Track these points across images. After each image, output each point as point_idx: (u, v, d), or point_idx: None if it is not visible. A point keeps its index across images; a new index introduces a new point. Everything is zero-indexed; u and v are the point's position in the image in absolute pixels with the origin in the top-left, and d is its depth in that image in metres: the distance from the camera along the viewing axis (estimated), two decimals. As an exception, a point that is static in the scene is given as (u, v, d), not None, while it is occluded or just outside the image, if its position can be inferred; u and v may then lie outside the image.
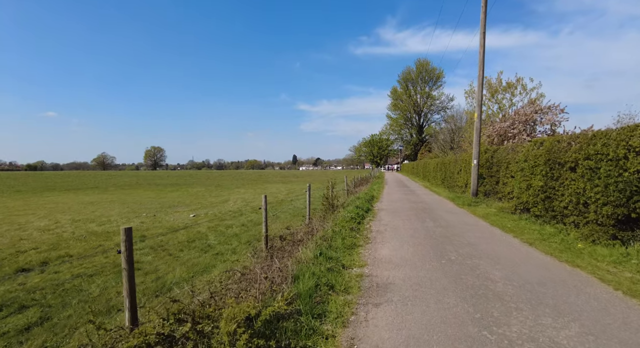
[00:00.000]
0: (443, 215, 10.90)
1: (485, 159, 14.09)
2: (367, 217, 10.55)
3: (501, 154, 12.83)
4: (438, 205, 13.47)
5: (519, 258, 5.63)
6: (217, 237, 8.77)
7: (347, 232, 7.47)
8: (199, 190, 28.58)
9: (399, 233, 7.88)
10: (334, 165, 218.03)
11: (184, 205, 17.84)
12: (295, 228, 8.48)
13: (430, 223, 9.31)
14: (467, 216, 10.69)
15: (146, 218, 13.03)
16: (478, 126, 13.73)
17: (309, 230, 7.32)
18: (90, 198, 21.22)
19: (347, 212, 10.00)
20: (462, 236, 7.52)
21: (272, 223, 10.81)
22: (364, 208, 11.68)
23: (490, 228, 8.50)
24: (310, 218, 9.35)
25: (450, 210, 11.98)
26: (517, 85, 27.32)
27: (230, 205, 17.26)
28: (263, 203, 6.45)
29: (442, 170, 24.17)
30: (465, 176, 17.13)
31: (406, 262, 5.49)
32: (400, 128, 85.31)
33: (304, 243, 6.25)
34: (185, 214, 14.17)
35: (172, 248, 7.61)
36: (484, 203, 12.85)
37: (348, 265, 5.29)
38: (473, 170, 13.92)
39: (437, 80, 79.74)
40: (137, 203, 18.55)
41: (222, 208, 15.97)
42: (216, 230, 9.72)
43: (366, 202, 13.26)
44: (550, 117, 20.11)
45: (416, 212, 11.54)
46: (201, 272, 5.70)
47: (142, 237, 8.76)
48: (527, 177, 9.61)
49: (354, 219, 9.19)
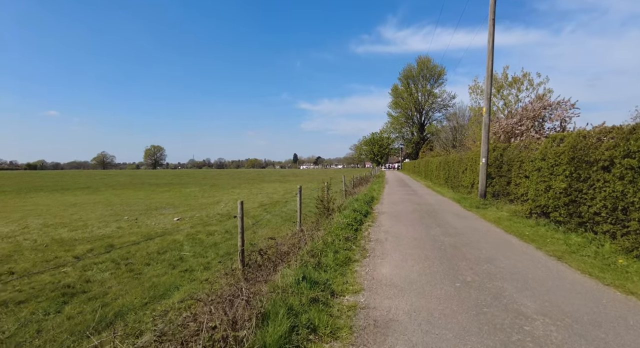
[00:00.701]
0: (450, 219, 9.82)
1: (494, 158, 13.01)
2: (366, 222, 9.47)
3: (512, 152, 11.75)
4: (443, 208, 12.38)
5: (551, 280, 4.55)
6: (193, 247, 7.71)
7: (341, 243, 6.39)
8: (193, 190, 27.53)
9: (401, 244, 6.81)
10: (334, 164, 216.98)
11: (172, 207, 16.80)
12: (283, 237, 7.41)
13: (436, 230, 8.23)
14: (477, 221, 9.61)
15: (126, 222, 11.98)
16: (487, 121, 12.63)
17: (297, 241, 6.25)
18: (75, 199, 20.18)
19: (343, 217, 8.92)
20: (475, 247, 6.44)
21: (260, 229, 9.74)
22: (362, 212, 10.60)
23: (505, 237, 7.42)
24: (300, 225, 8.28)
25: (457, 214, 10.90)
26: (524, 80, 26.11)
27: (221, 207, 16.21)
28: (238, 211, 5.39)
29: (445, 169, 23.07)
30: (471, 176, 16.04)
31: (412, 285, 4.42)
32: (401, 126, 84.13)
33: (288, 259, 5.19)
34: (170, 217, 13.12)
35: (138, 261, 6.55)
36: (494, 206, 11.77)
37: (339, 290, 4.21)
38: (481, 169, 12.83)
39: (439, 77, 78.55)
40: (123, 205, 17.51)
41: (211, 211, 14.92)
42: (195, 238, 8.66)
43: (365, 205, 12.19)
44: (560, 113, 18.98)
45: (420, 216, 10.46)
46: (159, 297, 4.65)
47: (109, 247, 7.70)
48: (545, 178, 8.52)
49: (351, 226, 8.12)
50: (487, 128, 12.64)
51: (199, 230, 9.67)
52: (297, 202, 8.44)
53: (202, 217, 12.98)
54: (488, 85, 12.43)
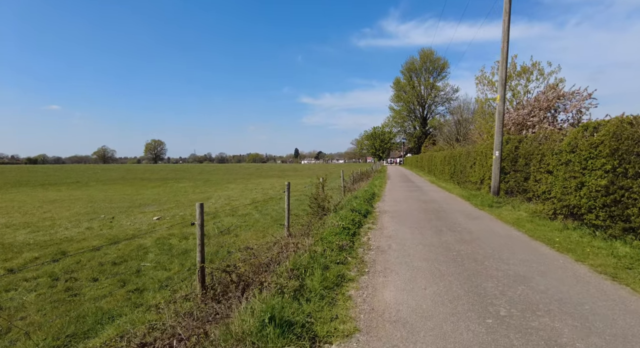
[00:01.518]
0: (462, 221, 8.56)
1: (507, 151, 11.71)
2: (366, 224, 8.23)
3: (529, 144, 10.45)
4: (452, 206, 11.13)
5: (621, 316, 3.30)
6: (159, 254, 6.49)
7: (333, 254, 5.15)
8: (186, 185, 26.32)
9: (408, 254, 5.57)
10: (336, 159, 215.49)
11: (157, 204, 15.61)
12: (264, 246, 6.18)
13: (448, 235, 6.98)
14: (493, 222, 8.35)
15: (99, 222, 10.78)
16: (501, 110, 11.31)
17: (276, 254, 5.02)
18: (57, 195, 19.01)
19: (339, 219, 7.68)
20: (500, 259, 5.20)
21: (244, 232, 8.52)
22: (361, 212, 9.36)
23: (533, 244, 6.16)
24: (289, 229, 7.05)
25: (469, 214, 9.64)
26: (533, 70, 24.60)
27: (209, 205, 14.99)
28: (197, 217, 4.16)
29: (450, 164, 21.77)
30: (480, 170, 14.76)
31: (426, 322, 3.19)
32: (403, 120, 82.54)
33: (263, 279, 3.95)
34: (150, 216, 11.92)
35: (84, 275, 5.34)
36: (509, 205, 10.50)
37: (324, 333, 2.98)
38: (494, 163, 11.54)
39: (442, 70, 76.80)
40: (106, 202, 16.32)
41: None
42: (165, 243, 7.44)
43: (365, 203, 10.94)
44: (576, 103, 17.60)
45: (427, 216, 9.21)
46: (81, 335, 3.43)
47: (59, 254, 6.49)
48: (576, 173, 7.24)
49: (347, 229, 6.87)
50: (501, 117, 11.32)
51: (174, 233, 8.45)
52: (285, 202, 7.21)
53: (185, 216, 11.77)
54: (503, 69, 11.09)
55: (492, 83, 25.77)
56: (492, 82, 25.76)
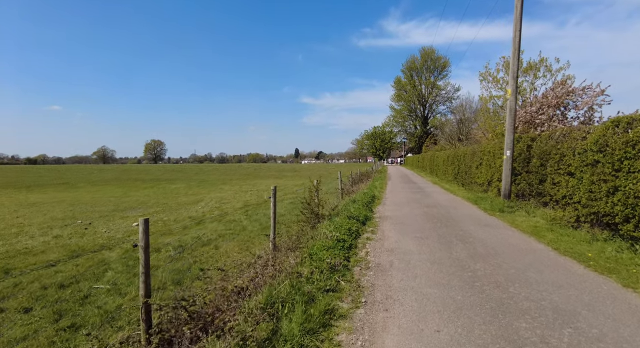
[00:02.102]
0: (472, 229, 7.59)
1: (519, 150, 10.74)
2: (364, 234, 7.26)
3: (544, 143, 9.48)
4: (459, 211, 10.15)
5: None
6: (120, 272, 5.52)
7: (322, 277, 4.18)
8: (179, 186, 25.36)
9: (414, 275, 4.60)
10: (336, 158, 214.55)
11: (143, 207, 14.65)
12: (242, 263, 5.22)
13: (459, 248, 6.00)
14: (507, 231, 7.37)
15: (72, 229, 9.82)
16: (512, 105, 10.33)
17: (256, 275, 4.04)
18: (39, 198, 18.04)
19: (334, 228, 6.71)
20: (528, 283, 4.22)
21: (227, 243, 7.55)
22: (360, 218, 8.39)
23: (562, 262, 5.18)
24: (274, 241, 6.07)
25: (479, 220, 8.67)
26: (540, 66, 23.61)
27: (198, 208, 14.03)
28: (140, 236, 3.18)
29: (454, 164, 20.79)
30: (488, 171, 13.78)
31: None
32: (404, 120, 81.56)
33: (226, 320, 2.98)
34: (131, 221, 10.95)
35: (17, 303, 4.37)
36: (522, 210, 9.53)
37: None
38: (505, 164, 10.56)
39: (443, 69, 75.84)
40: (89, 205, 15.36)
41: (184, 213, 12.75)
42: (132, 257, 6.47)
43: (364, 207, 9.97)
44: (588, 100, 16.60)
45: (432, 224, 8.23)
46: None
47: (1, 273, 5.51)
48: (606, 176, 6.27)
49: (342, 242, 5.90)
50: (513, 113, 10.34)
51: (147, 244, 7.48)
52: (271, 210, 6.23)
53: (168, 222, 10.80)
54: (515, 59, 10.09)
55: (497, 80, 24.78)
56: (497, 79, 24.76)
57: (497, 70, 24.61)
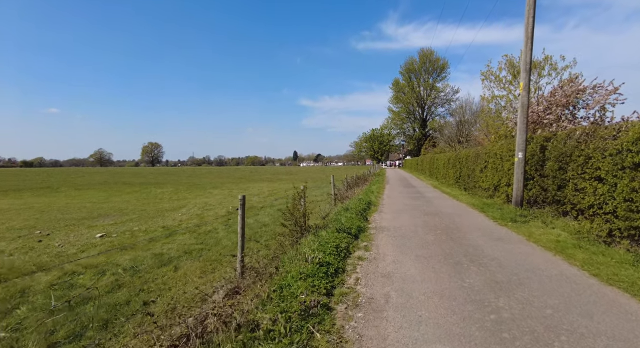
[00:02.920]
0: (483, 244, 6.38)
1: (530, 152, 9.58)
2: (356, 252, 6.04)
3: (562, 144, 8.32)
4: (465, 221, 8.95)
5: None
6: (32, 310, 4.27)
7: (289, 331, 2.95)
8: (165, 190, 24.08)
9: (418, 320, 3.38)
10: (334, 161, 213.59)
11: (118, 215, 13.40)
12: (194, 297, 4.00)
13: (472, 272, 4.79)
14: (526, 248, 6.17)
15: (23, 241, 8.57)
16: (525, 101, 9.16)
17: (189, 331, 2.81)
18: (9, 204, 16.73)
19: (319, 245, 5.49)
20: (580, 336, 3.02)
21: (189, 262, 6.32)
22: (352, 231, 7.18)
23: (614, 298, 3.97)
24: (242, 264, 4.85)
25: (490, 233, 7.46)
26: (545, 64, 22.55)
27: (177, 216, 12.79)
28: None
29: (456, 167, 19.63)
30: (494, 175, 12.61)
31: None
32: (402, 122, 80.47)
33: None
34: (96, 232, 9.72)
35: None
36: (538, 219, 8.34)
37: None
38: (516, 167, 9.38)
39: (442, 71, 74.98)
40: (60, 211, 14.09)
41: (160, 222, 11.51)
42: (65, 284, 5.21)
43: (358, 217, 8.76)
44: (599, 98, 15.44)
45: (436, 237, 7.02)
46: None
47: None
48: (651, 183, 5.09)
49: (325, 267, 4.67)
50: (525, 111, 9.18)
51: (95, 263, 6.22)
52: (238, 225, 5.03)
53: (137, 233, 9.56)
54: (527, 51, 8.94)
55: (500, 79, 23.70)
56: (500, 78, 23.69)
57: (500, 69, 23.57)
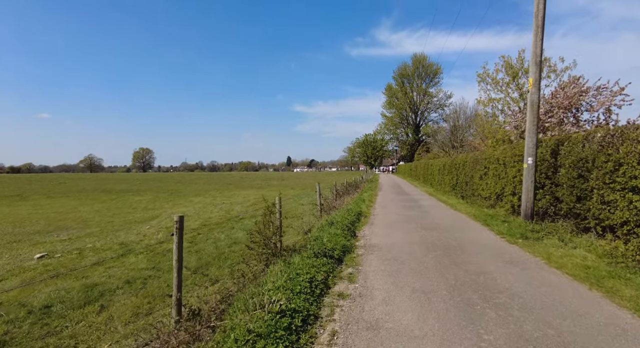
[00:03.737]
0: (496, 272, 5.12)
1: (539, 157, 8.41)
2: (336, 286, 4.72)
3: (580, 147, 7.17)
4: (468, 236, 7.70)
5: None
6: None
7: None
8: (144, 199, 22.52)
9: None
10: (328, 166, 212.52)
11: (80, 227, 11.95)
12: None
13: (491, 322, 3.51)
14: (551, 277, 4.91)
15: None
16: (535, 99, 8.01)
17: None
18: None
19: (286, 280, 4.18)
20: None
21: (125, 297, 4.94)
22: (334, 254, 5.88)
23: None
24: (178, 309, 3.50)
25: (500, 253, 6.22)
26: (543, 66, 21.61)
27: (144, 229, 11.37)
28: None
29: (452, 174, 18.49)
30: (496, 183, 11.44)
31: None
32: (395, 127, 79.80)
33: None
34: (39, 250, 8.28)
35: None
36: (554, 236, 7.13)
37: None
38: (526, 175, 8.20)
39: (435, 76, 74.64)
40: (13, 224, 12.55)
41: (122, 237, 10.10)
42: None
43: (344, 233, 7.45)
44: (604, 100, 14.43)
45: (437, 260, 5.74)
46: None
47: None
48: None
49: (288, 319, 3.34)
50: (535, 109, 8.02)
51: (9, 299, 4.81)
52: (173, 257, 3.71)
53: (87, 252, 8.13)
54: (537, 40, 7.80)
55: (497, 81, 22.81)
56: (497, 81, 22.81)
57: (497, 71, 22.69)
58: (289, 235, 9.24)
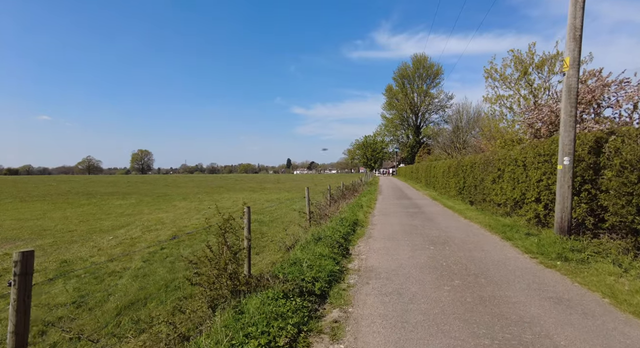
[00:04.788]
0: (548, 323, 3.48)
1: (577, 156, 6.79)
2: (316, 345, 3.08)
3: (637, 144, 5.56)
4: (491, 257, 6.06)
5: None
6: None
7: None
8: (125, 203, 20.88)
9: None
10: (328, 169, 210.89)
11: (33, 237, 10.34)
12: None
13: None
14: (633, 333, 3.28)
15: None
16: (573, 83, 6.40)
17: None
18: None
19: (241, 341, 2.55)
20: None
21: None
22: (315, 288, 4.27)
23: None
24: None
25: (540, 285, 4.59)
26: (556, 60, 20.02)
27: (105, 241, 9.76)
28: None
29: (458, 176, 16.86)
30: (515, 187, 9.82)
31: None
32: (395, 129, 78.24)
33: None
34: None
35: None
36: (605, 258, 5.50)
37: None
38: (561, 178, 6.56)
39: (436, 77, 73.17)
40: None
41: (74, 250, 8.56)
42: None
43: (333, 252, 5.82)
44: (632, 94, 12.79)
45: (456, 297, 4.11)
46: None
47: None
48: None
49: None
50: (574, 96, 6.40)
51: None
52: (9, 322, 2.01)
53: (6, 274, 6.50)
54: (577, 10, 6.18)
55: (506, 77, 21.25)
56: (506, 77, 21.25)
57: (505, 67, 21.13)
58: (268, 252, 7.62)
